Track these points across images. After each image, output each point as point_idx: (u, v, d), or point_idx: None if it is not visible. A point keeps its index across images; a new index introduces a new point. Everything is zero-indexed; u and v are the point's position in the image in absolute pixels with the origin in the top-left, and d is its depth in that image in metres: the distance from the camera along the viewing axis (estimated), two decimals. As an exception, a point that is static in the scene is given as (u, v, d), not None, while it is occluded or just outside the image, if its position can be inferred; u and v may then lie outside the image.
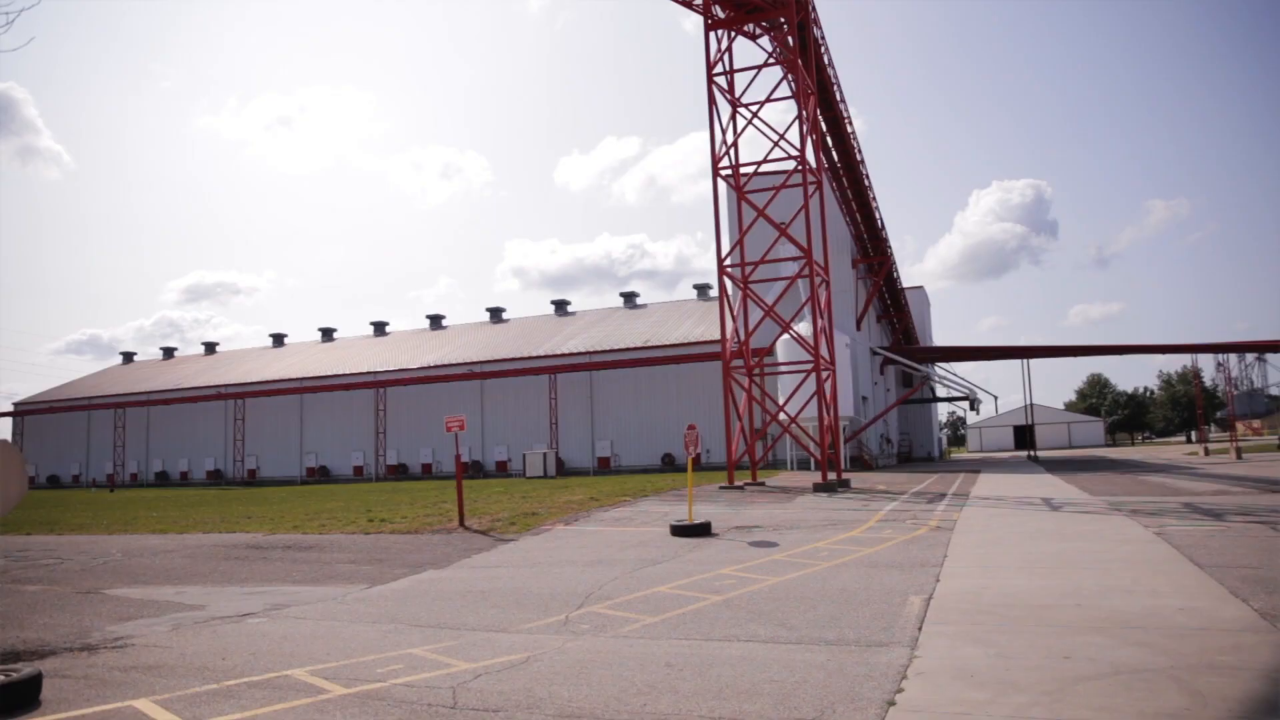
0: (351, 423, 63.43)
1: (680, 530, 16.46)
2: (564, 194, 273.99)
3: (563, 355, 57.67)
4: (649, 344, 55.68)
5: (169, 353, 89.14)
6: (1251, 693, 5.91)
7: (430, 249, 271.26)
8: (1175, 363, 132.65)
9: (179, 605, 11.32)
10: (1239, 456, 54.22)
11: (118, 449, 72.14)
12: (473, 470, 56.63)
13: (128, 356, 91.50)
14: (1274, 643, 7.16)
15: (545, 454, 50.50)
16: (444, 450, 58.81)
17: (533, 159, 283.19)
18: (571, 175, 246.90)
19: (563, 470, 53.08)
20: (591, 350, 57.05)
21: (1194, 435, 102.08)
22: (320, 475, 62.97)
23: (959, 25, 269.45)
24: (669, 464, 52.37)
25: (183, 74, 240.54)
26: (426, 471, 59.55)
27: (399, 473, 60.29)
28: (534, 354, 59.16)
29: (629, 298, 70.60)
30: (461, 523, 19.30)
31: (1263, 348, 70.92)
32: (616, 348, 56.55)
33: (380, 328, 79.07)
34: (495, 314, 74.64)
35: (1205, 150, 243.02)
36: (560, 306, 72.91)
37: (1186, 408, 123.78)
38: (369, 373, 63.80)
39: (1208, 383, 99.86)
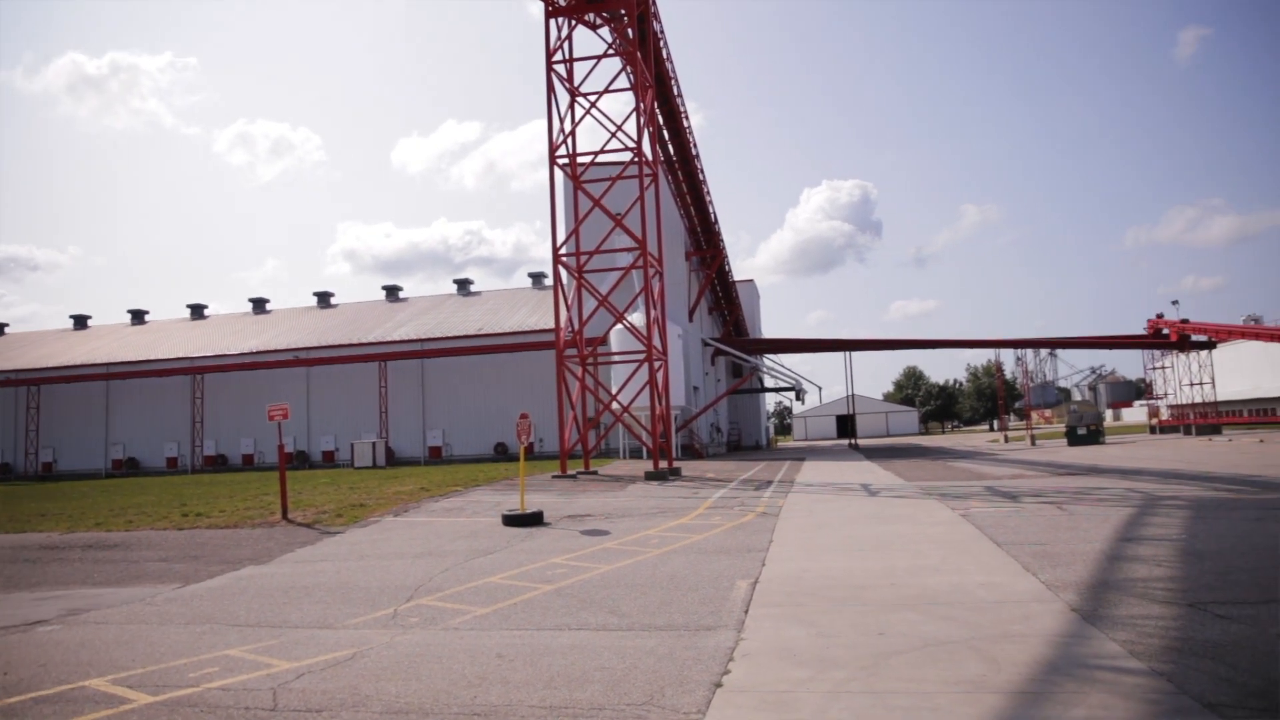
0: (165, 412, 59.40)
1: (512, 520, 16.39)
2: (401, 176, 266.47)
3: (394, 342, 56.11)
4: (482, 332, 54.97)
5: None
6: (1038, 656, 6.49)
7: (257, 229, 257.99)
8: (981, 356, 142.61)
9: (-41, 610, 10.33)
10: (1033, 443, 58.94)
11: (-116, 439, 64.97)
12: (298, 461, 54.34)
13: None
14: (1057, 610, 7.87)
15: (374, 444, 49.07)
16: (267, 440, 56.02)
17: (369, 139, 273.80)
18: (409, 157, 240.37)
19: (393, 460, 51.78)
20: (424, 338, 55.78)
21: (996, 424, 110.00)
22: (129, 468, 58.75)
23: (796, 27, 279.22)
24: (502, 453, 51.97)
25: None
26: (248, 463, 56.68)
27: (218, 464, 57.11)
28: (364, 340, 57.27)
29: (463, 285, 69.44)
30: (285, 516, 18.50)
31: (1055, 344, 77.31)
32: (449, 335, 55.51)
33: (198, 311, 74.51)
34: (323, 298, 71.80)
35: (1015, 160, 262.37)
36: (392, 292, 70.92)
37: (990, 398, 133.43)
38: (185, 358, 59.95)
39: (1008, 375, 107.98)
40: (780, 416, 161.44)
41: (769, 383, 72.02)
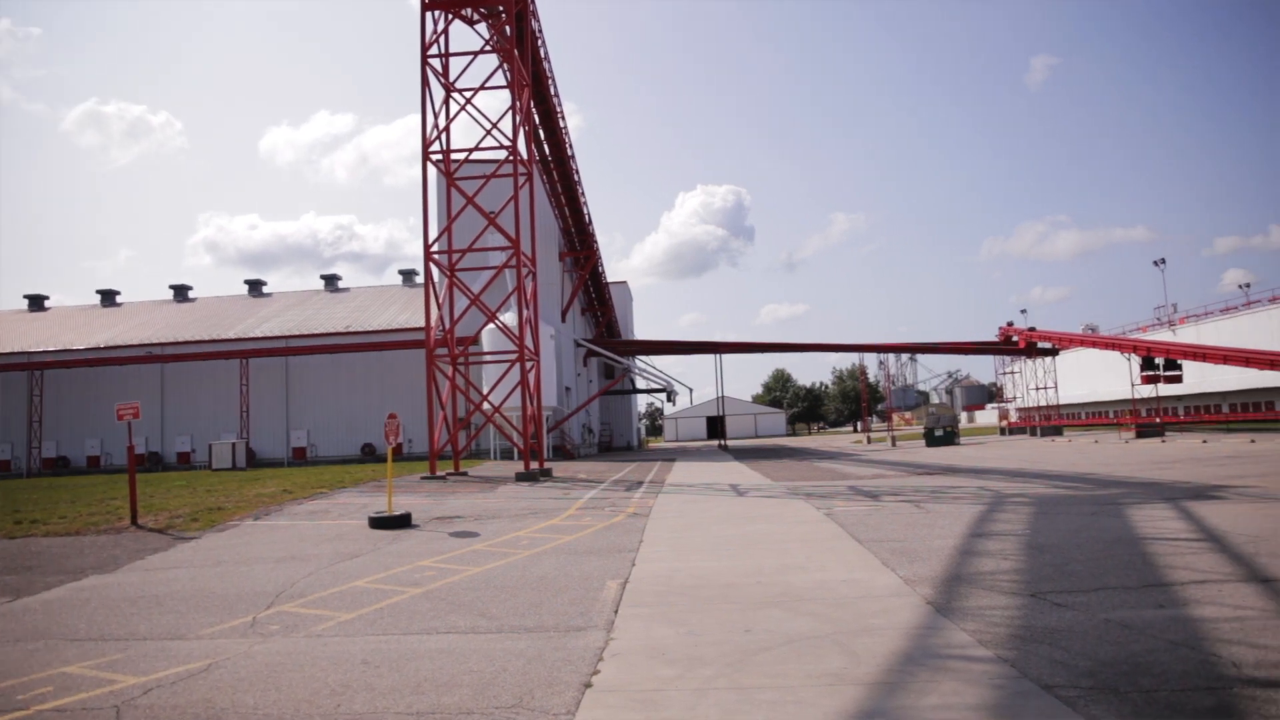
0: (-3, 410, 55.35)
1: (379, 522, 16.00)
2: (269, 167, 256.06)
3: (257, 339, 53.92)
4: (351, 329, 53.46)
5: None
6: (895, 648, 6.76)
7: (109, 216, 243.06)
8: (847, 360, 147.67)
9: None
10: (894, 444, 61.38)
11: None
12: (150, 463, 51.54)
13: None
14: (913, 604, 8.23)
15: (234, 444, 47.04)
16: (115, 441, 52.86)
17: (236, 126, 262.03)
18: (279, 147, 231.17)
19: (254, 462, 49.74)
20: (288, 334, 53.82)
21: (859, 425, 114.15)
22: (-47, 470, 54.50)
23: (676, 33, 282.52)
24: (370, 454, 50.65)
25: None
26: (93, 465, 53.39)
27: (58, 467, 53.55)
28: (224, 336, 54.82)
29: (331, 280, 67.40)
30: (134, 521, 17.49)
31: (915, 349, 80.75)
32: (316, 332, 53.75)
33: (38, 302, 69.73)
34: (180, 291, 68.41)
35: (882, 172, 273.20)
36: (255, 286, 68.12)
37: (855, 401, 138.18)
38: (21, 353, 55.96)
39: (872, 379, 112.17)
40: (652, 418, 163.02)
41: (641, 384, 72.60)
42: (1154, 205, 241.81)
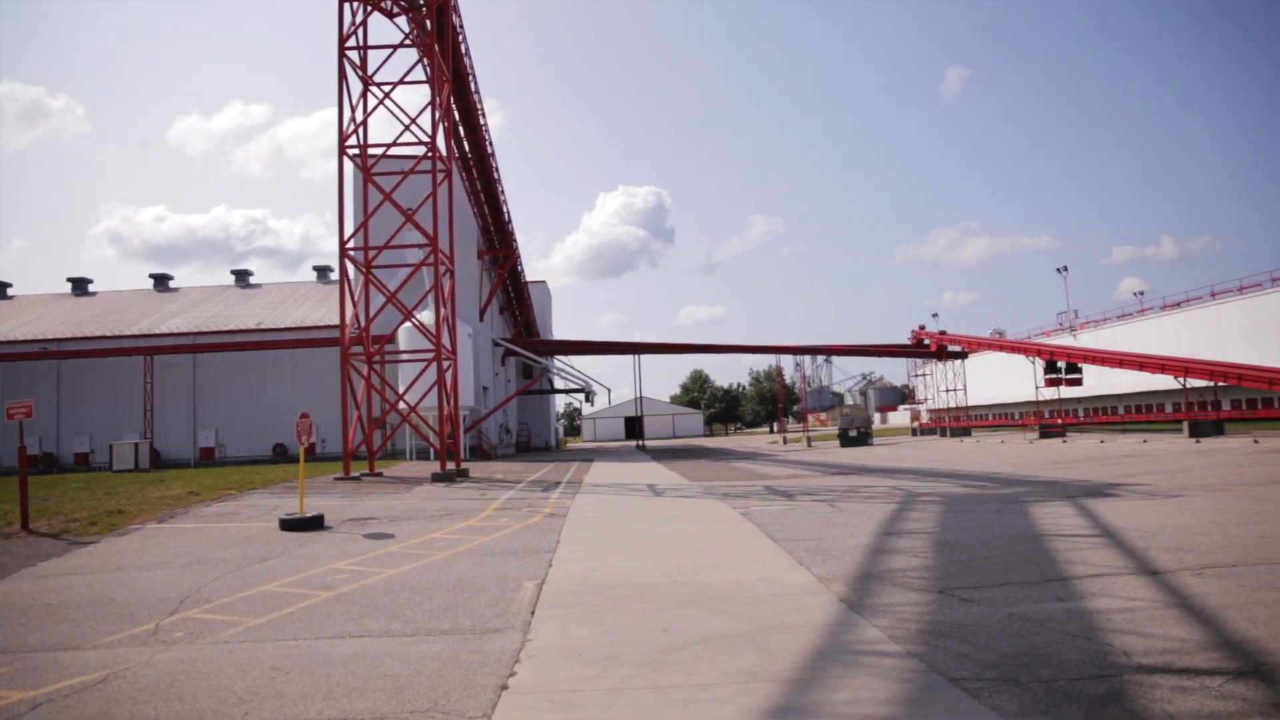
0: (-127, 408, 52.22)
1: (291, 524, 15.60)
2: (178, 157, 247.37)
3: (162, 335, 52.00)
4: (262, 326, 52.00)
5: None
6: (809, 645, 6.89)
7: (1, 204, 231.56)
8: (764, 362, 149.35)
9: None
10: (809, 445, 62.49)
11: None
12: (44, 464, 49.25)
13: None
14: (827, 602, 8.39)
15: (137, 445, 45.26)
16: (5, 441, 50.40)
17: (143, 113, 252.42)
18: (189, 137, 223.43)
19: (158, 463, 47.99)
20: (196, 331, 52.07)
21: (776, 426, 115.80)
22: None
23: (599, 33, 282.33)
24: (282, 454, 49.37)
25: None
26: (-20, 466, 50.83)
27: (-59, 467, 50.84)
28: (127, 333, 52.72)
29: (242, 276, 65.51)
30: (25, 525, 16.67)
31: (831, 351, 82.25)
32: (225, 329, 52.12)
33: (-84, 294, 66.15)
34: (80, 285, 65.58)
35: (801, 177, 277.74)
36: (161, 281, 65.79)
37: (771, 402, 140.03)
38: (-99, 347, 53.01)
39: (788, 380, 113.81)
40: (570, 418, 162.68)
41: (559, 384, 72.35)
42: (1058, 215, 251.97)
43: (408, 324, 32.88)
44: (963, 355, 74.22)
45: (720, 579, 9.82)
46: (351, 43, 30.51)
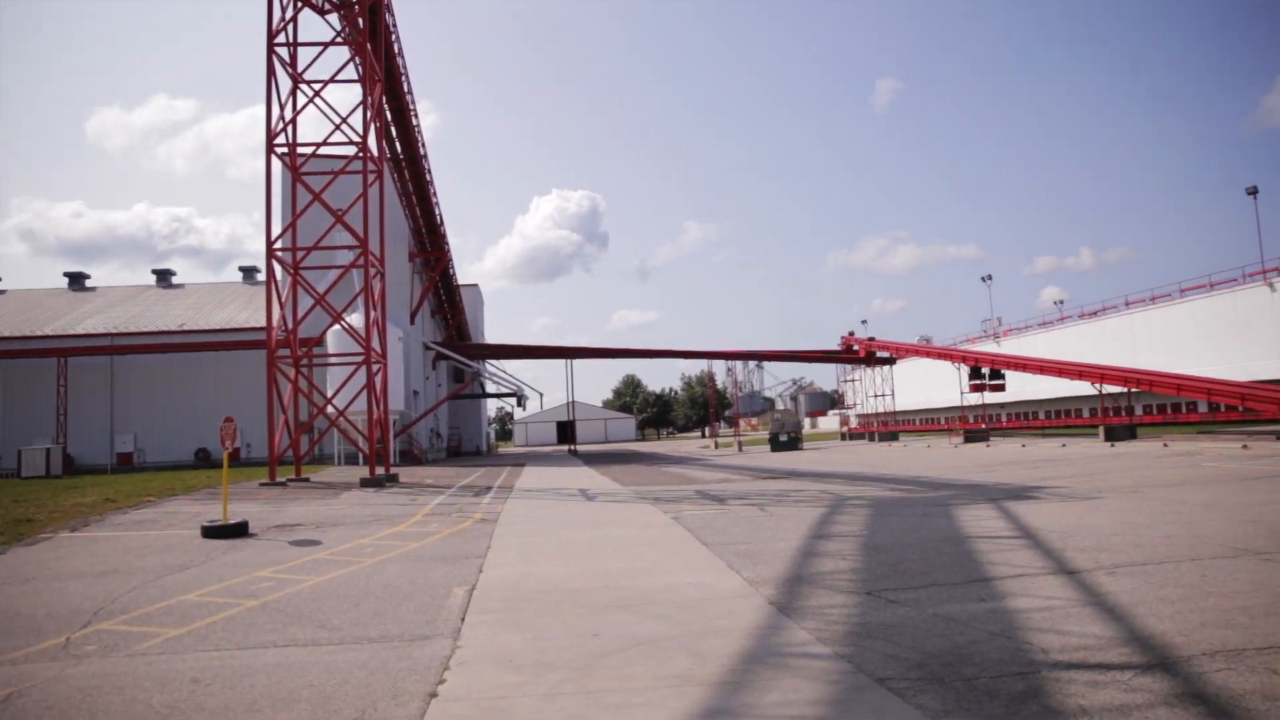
0: None
1: (213, 531, 15.17)
2: (96, 150, 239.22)
3: (78, 336, 50.26)
4: (185, 328, 50.63)
5: None
6: (739, 648, 6.94)
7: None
8: (696, 366, 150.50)
9: None
10: (741, 449, 63.03)
11: None
12: (-54, 470, 47.17)
13: None
14: (757, 605, 8.47)
15: (49, 450, 43.55)
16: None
17: (59, 104, 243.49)
18: (109, 130, 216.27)
19: (72, 469, 46.24)
20: (115, 331, 50.44)
21: (707, 431, 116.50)
22: None
23: (533, 35, 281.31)
24: (205, 460, 48.06)
25: None
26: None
27: None
28: (39, 333, 50.86)
29: (164, 275, 63.69)
30: (-73, 533, 15.94)
31: (762, 357, 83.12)
32: (146, 330, 50.61)
33: None
34: (-14, 283, 63.09)
35: (735, 184, 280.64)
36: (76, 280, 63.61)
37: (703, 406, 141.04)
38: None
39: (720, 385, 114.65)
40: (502, 422, 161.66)
41: (491, 388, 71.87)
42: (984, 225, 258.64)
43: (337, 326, 32.31)
44: (891, 361, 75.66)
45: (652, 583, 9.84)
46: (281, 39, 29.89)
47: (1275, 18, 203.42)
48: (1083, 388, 50.76)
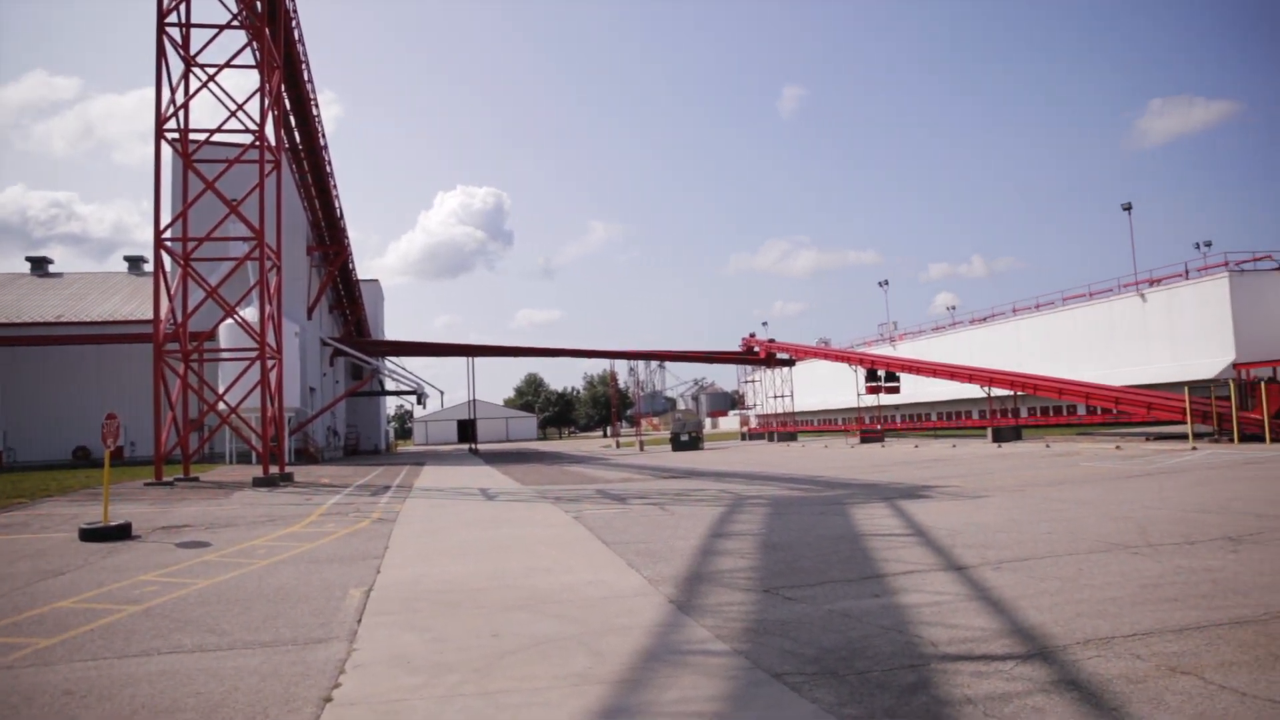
0: None
1: (92, 534, 14.45)
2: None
3: (-60, 326, 47.29)
4: (63, 319, 48.16)
5: None
6: (639, 646, 6.97)
7: None
8: (598, 366, 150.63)
9: None
10: (642, 449, 63.35)
11: None
12: None
13: None
14: (656, 603, 8.53)
15: (-93, 447, 40.95)
16: None
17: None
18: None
19: (-67, 467, 43.56)
20: (-17, 322, 47.66)
21: (609, 430, 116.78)
22: None
23: (438, 29, 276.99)
24: (84, 459, 45.80)
25: None
26: None
27: None
28: (-102, 323, 47.67)
29: (39, 263, 60.47)
30: None
31: (664, 357, 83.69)
32: (19, 321, 47.96)
33: None
34: None
35: (640, 185, 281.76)
36: (-60, 267, 59.76)
37: (605, 406, 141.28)
38: None
39: (622, 385, 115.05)
40: (401, 420, 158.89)
41: (390, 386, 70.50)
42: (882, 232, 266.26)
43: (230, 320, 31.20)
44: (790, 363, 77.17)
45: (552, 582, 9.81)
46: (173, 19, 28.65)
47: (1148, 46, 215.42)
48: (973, 390, 52.72)
